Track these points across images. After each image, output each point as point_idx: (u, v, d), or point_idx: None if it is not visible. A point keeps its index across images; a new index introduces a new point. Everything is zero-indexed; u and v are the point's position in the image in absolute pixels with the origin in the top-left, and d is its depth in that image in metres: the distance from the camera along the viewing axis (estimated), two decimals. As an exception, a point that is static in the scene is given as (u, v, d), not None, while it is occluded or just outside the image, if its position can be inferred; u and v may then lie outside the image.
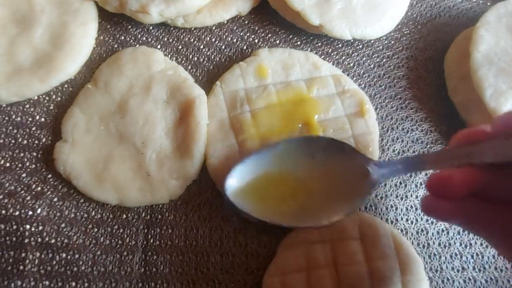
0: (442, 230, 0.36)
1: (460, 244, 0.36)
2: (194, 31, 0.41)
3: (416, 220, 0.36)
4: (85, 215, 0.35)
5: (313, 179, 0.32)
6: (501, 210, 0.23)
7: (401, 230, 0.36)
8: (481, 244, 0.36)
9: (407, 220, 0.36)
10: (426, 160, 0.27)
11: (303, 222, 0.32)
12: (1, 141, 0.37)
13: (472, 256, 0.36)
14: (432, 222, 0.36)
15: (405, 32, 0.43)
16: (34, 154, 0.36)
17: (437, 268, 0.35)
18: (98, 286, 0.33)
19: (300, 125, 0.36)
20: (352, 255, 0.33)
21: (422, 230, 0.36)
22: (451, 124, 0.39)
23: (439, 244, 0.36)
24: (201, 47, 0.41)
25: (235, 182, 0.32)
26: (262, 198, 0.32)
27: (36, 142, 0.37)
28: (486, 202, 0.23)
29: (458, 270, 0.35)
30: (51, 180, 0.36)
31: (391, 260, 0.33)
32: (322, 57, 0.40)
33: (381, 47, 0.42)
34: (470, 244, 0.36)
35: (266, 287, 0.32)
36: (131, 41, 0.41)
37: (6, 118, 0.37)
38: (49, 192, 0.35)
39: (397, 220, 0.36)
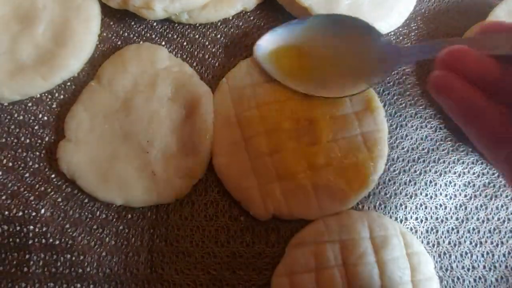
0: (452, 229, 0.36)
1: (470, 243, 0.35)
2: (199, 27, 0.41)
3: (426, 218, 0.36)
4: (90, 216, 0.34)
5: (335, 55, 0.35)
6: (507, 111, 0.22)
7: (411, 229, 0.35)
8: (492, 243, 0.36)
9: (416, 218, 0.36)
10: (444, 45, 0.26)
11: (320, 91, 0.35)
12: (3, 140, 0.36)
13: (483, 255, 0.35)
14: (441, 221, 0.36)
15: (413, 28, 0.42)
16: (37, 153, 0.36)
17: (447, 267, 0.35)
18: (104, 288, 0.33)
19: (307, 122, 0.35)
20: (361, 255, 0.32)
21: (431, 229, 0.36)
22: (460, 121, 0.39)
23: (449, 243, 0.35)
24: (206, 43, 0.40)
25: (264, 46, 0.36)
26: (286, 65, 0.36)
27: (39, 141, 0.36)
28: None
29: (468, 269, 0.35)
30: (54, 180, 0.35)
31: (401, 260, 0.32)
32: (329, 53, 0.40)
33: (389, 43, 0.41)
34: (481, 242, 0.35)
35: (274, 287, 0.32)
36: (135, 37, 0.40)
37: (8, 117, 0.37)
38: (52, 192, 0.35)
39: (406, 219, 0.36)
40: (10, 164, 0.35)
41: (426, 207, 0.36)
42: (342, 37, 0.35)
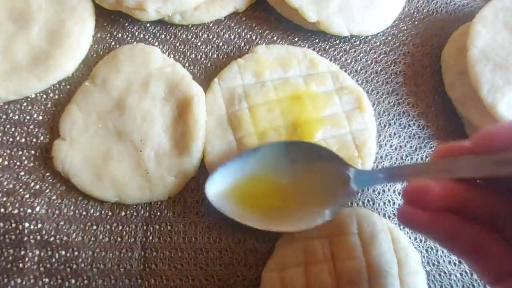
0: (439, 225, 0.36)
1: (457, 239, 0.36)
2: (192, 28, 0.41)
3: (414, 215, 0.36)
4: (84, 213, 0.35)
5: (293, 183, 0.33)
6: (478, 229, 0.23)
7: (398, 225, 0.36)
8: (478, 238, 0.36)
9: (404, 215, 0.36)
10: (406, 172, 0.27)
11: (280, 226, 0.32)
12: (-1, 139, 0.37)
13: (469, 250, 0.36)
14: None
15: (402, 28, 0.43)
16: (32, 152, 0.36)
17: (434, 262, 0.35)
18: (98, 283, 0.33)
19: (298, 122, 0.36)
20: (350, 250, 0.33)
21: (419, 225, 0.36)
22: (448, 119, 0.39)
23: (436, 239, 0.36)
24: (199, 44, 0.41)
25: (217, 184, 0.33)
26: (242, 201, 0.33)
27: (34, 140, 0.37)
28: (464, 220, 0.23)
29: (454, 264, 0.36)
30: (49, 178, 0.36)
31: (389, 255, 0.33)
32: (320, 53, 0.40)
33: (378, 43, 0.42)
34: (467, 238, 0.36)
35: (265, 282, 0.33)
36: (129, 38, 0.41)
37: (4, 117, 0.37)
38: (47, 190, 0.35)
39: (394, 215, 0.36)
40: (6, 162, 0.36)
41: (413, 204, 0.37)
42: (299, 163, 0.33)
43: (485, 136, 0.22)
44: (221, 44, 0.41)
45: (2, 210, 0.34)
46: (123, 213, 0.35)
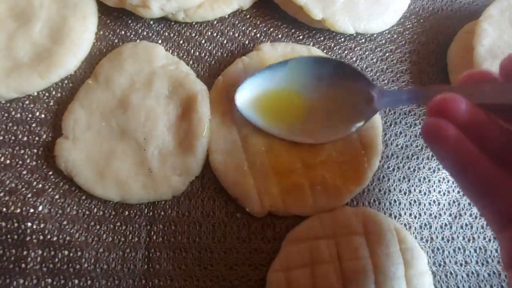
0: (445, 225, 0.36)
1: (463, 238, 0.36)
2: (195, 25, 0.41)
3: (420, 214, 0.36)
4: (87, 212, 0.35)
5: (318, 99, 0.34)
6: (493, 163, 0.22)
7: (405, 225, 0.36)
8: (484, 238, 0.36)
9: (410, 214, 0.36)
10: (431, 93, 0.26)
11: (304, 138, 0.34)
12: (1, 138, 0.36)
13: (475, 250, 0.36)
14: (435, 217, 0.36)
15: (408, 26, 0.42)
16: (35, 151, 0.36)
17: (441, 262, 0.35)
18: (101, 284, 0.33)
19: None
20: (356, 250, 0.33)
21: (425, 225, 0.36)
22: (454, 118, 0.39)
23: (442, 239, 0.36)
24: (203, 41, 0.40)
25: (245, 93, 0.34)
26: (268, 112, 0.34)
27: (37, 138, 0.36)
28: (480, 151, 0.22)
29: (461, 264, 0.35)
30: (52, 177, 0.35)
31: (395, 255, 0.33)
32: (325, 51, 0.40)
33: (383, 41, 0.41)
34: (473, 238, 0.36)
35: (270, 282, 0.32)
36: (132, 36, 0.40)
37: (6, 115, 0.37)
38: (50, 189, 0.35)
39: (400, 215, 0.36)
40: (8, 161, 0.35)
41: (420, 203, 0.37)
42: (325, 80, 0.34)
43: (510, 63, 0.22)
44: (225, 42, 0.41)
45: (4, 209, 0.34)
46: (126, 213, 0.35)
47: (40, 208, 0.34)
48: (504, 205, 0.22)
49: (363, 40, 0.41)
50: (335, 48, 0.41)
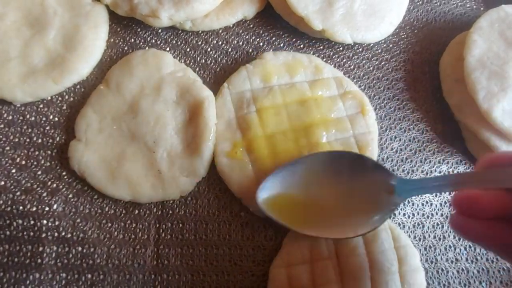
0: (437, 224, 0.38)
1: (454, 237, 0.38)
2: (202, 34, 0.43)
3: (413, 214, 0.38)
4: (99, 211, 0.36)
5: (338, 195, 0.33)
6: None
7: (399, 224, 0.38)
8: (474, 237, 0.38)
9: (404, 214, 0.38)
10: (454, 182, 0.27)
11: (328, 233, 0.33)
12: (17, 140, 0.38)
13: (465, 248, 0.38)
14: (427, 217, 0.38)
15: (403, 36, 0.44)
16: (49, 152, 0.38)
17: (432, 260, 0.37)
18: (113, 278, 0.35)
19: (304, 125, 0.37)
20: (353, 248, 0.35)
21: (418, 224, 0.38)
22: (446, 124, 0.41)
23: (434, 237, 0.38)
24: (209, 49, 0.42)
25: (265, 193, 0.34)
26: (289, 209, 0.34)
27: (50, 141, 0.38)
28: None
29: (452, 261, 0.37)
30: (65, 177, 0.37)
31: (390, 252, 0.35)
32: (324, 60, 0.42)
33: (380, 51, 0.44)
34: (463, 237, 0.38)
35: (272, 278, 0.34)
36: (141, 43, 0.42)
37: (21, 118, 0.39)
38: (64, 189, 0.37)
39: (395, 215, 0.38)
40: (24, 162, 0.37)
41: (413, 204, 0.39)
42: (344, 175, 0.33)
43: None
44: (230, 50, 0.42)
45: (21, 207, 0.36)
46: (136, 211, 0.37)
47: (55, 206, 0.36)
48: None
49: (360, 50, 0.43)
50: (334, 57, 0.43)
